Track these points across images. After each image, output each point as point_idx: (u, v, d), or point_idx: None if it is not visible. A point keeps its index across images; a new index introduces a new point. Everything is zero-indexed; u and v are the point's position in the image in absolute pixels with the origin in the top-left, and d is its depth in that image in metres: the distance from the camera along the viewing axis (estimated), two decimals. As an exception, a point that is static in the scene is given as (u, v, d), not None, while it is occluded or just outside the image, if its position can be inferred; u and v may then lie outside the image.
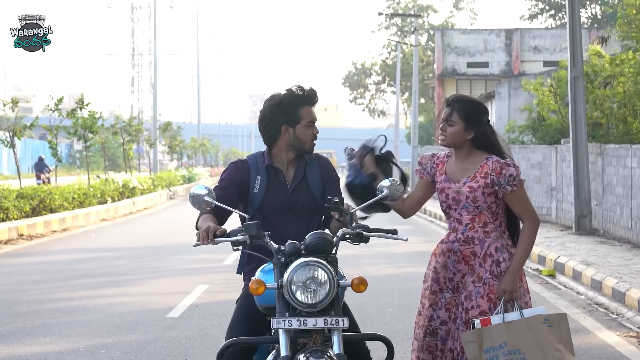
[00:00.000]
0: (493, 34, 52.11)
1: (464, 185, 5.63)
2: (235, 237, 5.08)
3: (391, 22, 79.08)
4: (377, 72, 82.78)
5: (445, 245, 5.72)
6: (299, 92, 5.49)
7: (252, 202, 5.55)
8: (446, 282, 5.69)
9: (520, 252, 5.56)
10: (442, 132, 5.67)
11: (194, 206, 5.27)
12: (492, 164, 5.59)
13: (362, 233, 5.14)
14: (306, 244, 4.95)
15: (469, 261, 5.64)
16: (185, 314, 11.02)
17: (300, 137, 5.50)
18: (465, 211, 5.64)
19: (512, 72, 50.78)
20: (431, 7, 79.92)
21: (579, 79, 21.54)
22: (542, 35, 51.78)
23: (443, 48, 52.32)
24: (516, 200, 5.60)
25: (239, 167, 5.61)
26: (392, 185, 5.43)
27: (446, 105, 5.71)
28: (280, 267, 4.95)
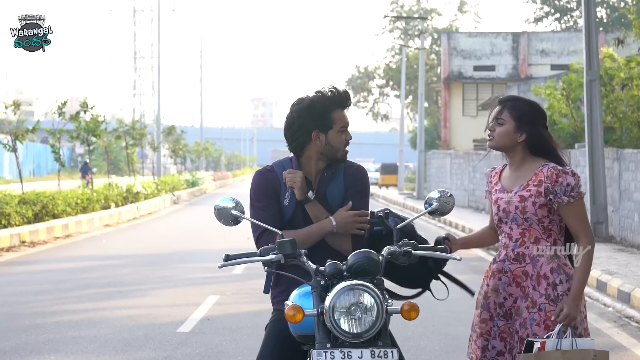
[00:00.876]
0: (500, 37, 51.59)
1: (514, 194, 5.05)
2: (267, 257, 4.53)
3: (395, 26, 78.62)
4: (380, 75, 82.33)
5: (496, 265, 5.13)
6: (331, 94, 4.95)
7: (282, 215, 5.00)
8: (496, 308, 5.10)
9: (580, 275, 4.94)
10: (490, 132, 5.10)
11: (219, 220, 4.74)
12: (548, 171, 4.98)
13: (411, 251, 4.59)
14: (349, 264, 4.39)
15: (521, 283, 5.03)
16: (197, 329, 10.48)
17: (333, 144, 4.96)
18: (515, 224, 5.04)
19: (519, 75, 50.27)
20: (435, 10, 79.48)
21: (595, 82, 21.04)
22: (549, 39, 51.26)
23: (449, 51, 51.79)
24: (572, 215, 4.98)
25: (268, 178, 5.04)
26: (442, 197, 4.92)
27: (498, 104, 5.14)
28: (320, 290, 4.39)
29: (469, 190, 34.71)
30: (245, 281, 14.39)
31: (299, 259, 4.52)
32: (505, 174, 5.17)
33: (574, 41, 50.50)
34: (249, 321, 10.93)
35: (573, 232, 5.01)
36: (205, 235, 23.22)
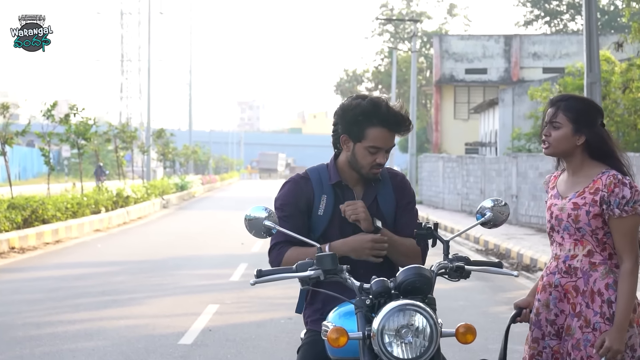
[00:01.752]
0: (492, 40, 51.33)
1: (569, 201, 4.59)
2: (305, 273, 4.08)
3: (384, 29, 78.37)
4: (369, 79, 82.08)
5: (547, 278, 4.66)
6: (378, 109, 4.42)
7: (314, 227, 4.57)
8: (548, 325, 4.63)
9: (624, 301, 4.43)
10: (545, 137, 4.60)
11: (250, 232, 4.29)
12: (607, 179, 4.51)
13: (464, 267, 4.17)
14: (398, 281, 3.96)
15: (571, 299, 4.56)
16: (199, 340, 10.04)
17: (358, 158, 4.52)
18: (567, 234, 4.57)
19: (511, 78, 50.01)
20: (425, 13, 79.25)
21: (595, 84, 20.66)
22: (541, 42, 51.03)
23: (441, 54, 51.49)
24: (622, 231, 4.48)
25: (301, 186, 4.62)
26: (495, 207, 4.46)
27: (550, 105, 4.65)
28: (365, 310, 3.95)
29: (462, 194, 34.37)
30: (244, 289, 13.97)
31: (340, 275, 4.08)
32: (562, 178, 4.72)
33: (565, 44, 50.28)
34: (253, 332, 10.52)
35: (617, 251, 4.52)
36: (198, 241, 22.79)
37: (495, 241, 21.13)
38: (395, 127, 4.44)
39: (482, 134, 45.28)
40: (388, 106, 4.43)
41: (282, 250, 4.50)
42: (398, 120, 4.44)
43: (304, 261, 4.13)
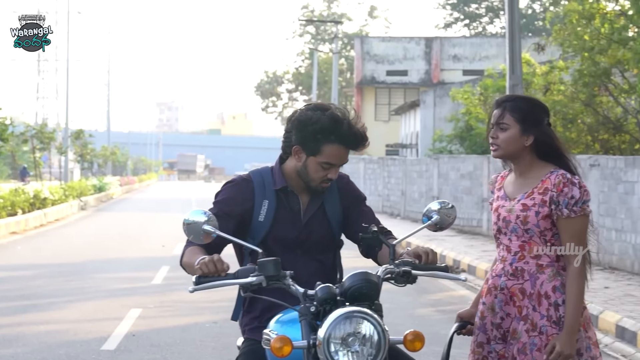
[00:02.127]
0: (413, 42, 51.60)
1: (517, 202, 4.45)
2: (246, 279, 3.88)
3: (305, 30, 78.39)
4: (289, 80, 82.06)
5: (492, 280, 4.51)
6: (338, 127, 4.19)
7: (253, 233, 4.36)
8: (493, 329, 4.49)
9: (573, 304, 4.32)
10: (493, 139, 4.48)
11: (189, 237, 4.06)
12: (555, 178, 4.39)
13: (411, 272, 4.02)
14: (345, 287, 3.79)
15: (517, 302, 4.43)
16: (122, 346, 9.76)
17: (309, 172, 4.32)
18: (514, 236, 4.44)
19: (432, 80, 50.32)
20: (345, 15, 79.45)
21: (517, 86, 20.77)
22: (461, 44, 51.45)
23: (362, 56, 51.59)
24: (570, 232, 4.37)
25: (242, 189, 4.41)
26: (442, 209, 4.30)
27: (496, 106, 4.51)
28: (310, 318, 3.78)
29: (384, 196, 34.42)
30: (167, 292, 13.72)
31: (283, 281, 3.90)
32: (510, 179, 4.58)
33: (485, 47, 50.77)
34: (177, 337, 10.28)
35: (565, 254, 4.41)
36: (118, 243, 22.39)
37: (418, 242, 21.14)
38: (353, 145, 4.24)
39: (403, 136, 45.47)
40: (350, 124, 4.21)
41: (184, 250, 4.30)
42: (357, 139, 4.23)
43: (245, 267, 3.94)
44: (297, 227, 4.38)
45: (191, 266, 4.13)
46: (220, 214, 4.25)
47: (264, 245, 4.29)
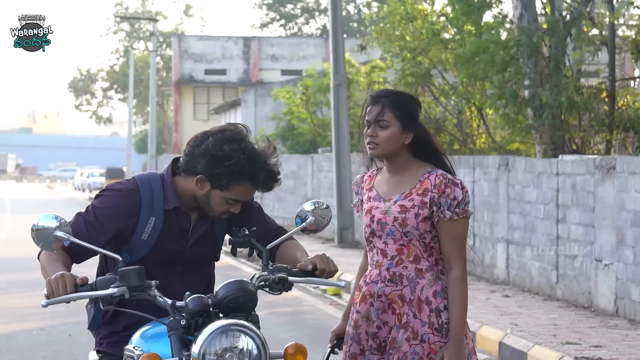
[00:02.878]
0: (231, 41, 51.42)
1: (394, 204, 4.19)
2: (106, 291, 3.55)
3: (120, 27, 77.08)
4: (104, 78, 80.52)
5: (367, 287, 4.22)
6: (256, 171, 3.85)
7: (131, 250, 3.96)
8: (369, 339, 4.22)
9: (457, 311, 4.13)
10: (371, 138, 4.16)
11: (38, 244, 3.70)
12: (436, 179, 4.16)
13: (287, 278, 3.77)
14: (219, 297, 3.52)
15: (397, 309, 4.18)
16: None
17: (213, 205, 3.92)
18: (391, 239, 4.17)
19: (251, 80, 50.28)
20: (161, 13, 78.54)
21: (341, 86, 21.00)
22: (279, 44, 51.61)
23: (180, 54, 51.06)
24: (451, 235, 4.15)
25: (127, 202, 3.94)
26: (316, 210, 4.06)
27: (372, 102, 4.21)
28: (181, 332, 3.49)
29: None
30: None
31: (148, 291, 3.60)
32: (381, 179, 4.30)
33: (303, 47, 51.10)
34: (3, 345, 9.79)
35: (445, 256, 4.18)
36: None
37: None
38: (265, 188, 3.93)
39: (223, 135, 45.25)
40: (268, 168, 3.89)
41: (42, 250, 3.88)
42: (271, 183, 3.93)
43: (104, 277, 3.60)
44: (182, 246, 4.02)
45: (45, 273, 3.76)
46: (95, 224, 3.88)
47: (140, 262, 3.89)
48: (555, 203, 12.38)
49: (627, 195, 10.70)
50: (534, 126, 16.17)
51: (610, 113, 15.62)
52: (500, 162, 14.10)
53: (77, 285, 3.55)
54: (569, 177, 12.08)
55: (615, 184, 10.94)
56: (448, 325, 4.16)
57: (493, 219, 14.25)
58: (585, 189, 11.65)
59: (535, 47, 15.96)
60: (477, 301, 11.79)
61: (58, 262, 3.78)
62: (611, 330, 9.95)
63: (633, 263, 10.55)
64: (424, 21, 21.61)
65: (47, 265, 3.78)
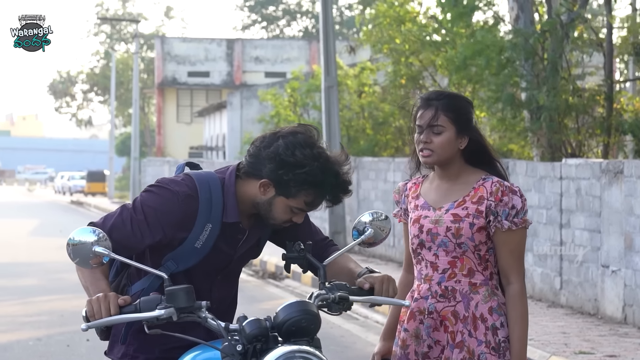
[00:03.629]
0: (214, 44, 51.11)
1: (446, 212, 3.91)
2: (152, 313, 3.22)
3: (100, 30, 76.62)
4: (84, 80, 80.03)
5: (416, 303, 3.94)
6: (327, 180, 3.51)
7: (181, 257, 3.58)
8: (418, 359, 3.93)
9: (520, 329, 3.86)
10: (425, 144, 3.89)
11: (74, 260, 3.35)
12: (492, 186, 3.88)
13: (348, 298, 3.46)
14: (279, 321, 3.21)
15: (450, 327, 3.88)
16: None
17: (275, 212, 3.57)
18: (443, 251, 3.89)
19: (234, 82, 49.97)
20: (141, 15, 78.08)
21: (332, 88, 20.74)
22: (263, 46, 51.33)
23: (163, 56, 50.69)
24: (510, 247, 3.87)
25: (183, 210, 3.54)
26: (374, 221, 3.71)
27: (424, 106, 3.93)
28: (238, 359, 3.17)
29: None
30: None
31: (197, 313, 3.27)
32: (430, 186, 4.04)
33: (286, 49, 50.84)
34: (0, 356, 9.48)
35: (502, 270, 3.92)
36: None
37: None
38: (334, 199, 3.58)
39: (207, 138, 44.93)
40: (341, 179, 3.55)
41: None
42: (341, 194, 3.57)
43: (148, 298, 3.27)
44: (230, 256, 3.70)
45: (85, 284, 3.43)
46: (143, 224, 3.49)
47: (186, 277, 3.57)
48: (558, 208, 12.19)
49: (635, 200, 10.51)
50: (532, 129, 15.97)
51: (608, 116, 15.46)
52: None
53: (119, 306, 3.26)
54: (573, 181, 11.89)
55: (622, 188, 10.74)
56: (505, 344, 3.90)
57: (493, 224, 14.05)
58: (591, 193, 11.45)
59: (532, 49, 15.77)
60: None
61: (100, 281, 3.43)
62: (622, 339, 9.75)
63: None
64: (414, 24, 21.44)
65: (87, 280, 3.44)
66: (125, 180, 62.86)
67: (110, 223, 3.50)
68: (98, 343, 9.67)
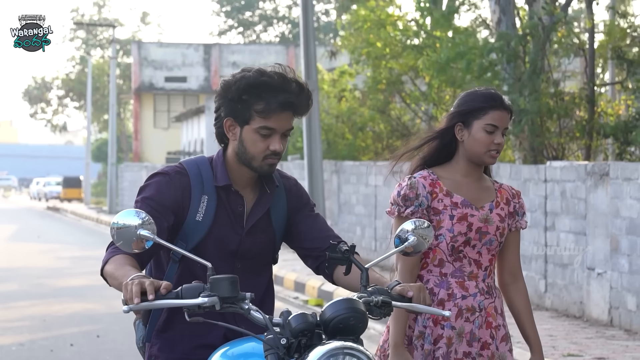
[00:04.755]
0: (191, 49, 50.98)
1: (490, 212, 4.02)
2: (195, 300, 3.11)
3: (76, 35, 76.33)
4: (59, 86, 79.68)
5: (465, 301, 3.97)
6: (265, 78, 3.44)
7: (187, 236, 3.55)
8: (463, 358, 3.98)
9: (533, 321, 4.09)
10: (499, 146, 3.97)
11: (117, 243, 3.22)
12: (510, 189, 4.11)
13: (391, 303, 3.33)
14: (326, 317, 3.11)
15: (492, 323, 3.99)
16: None
17: (247, 147, 3.52)
18: (486, 249, 4.00)
19: (211, 87, 49.84)
20: (117, 20, 77.83)
21: (314, 91, 20.64)
22: (240, 51, 51.26)
23: (140, 61, 50.49)
24: (518, 244, 4.13)
25: (174, 183, 3.55)
26: (418, 229, 3.52)
27: (500, 107, 3.96)
28: (282, 352, 3.08)
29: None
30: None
31: (240, 304, 3.16)
32: (456, 185, 4.04)
33: (264, 54, 50.77)
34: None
35: (512, 267, 4.12)
36: None
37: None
38: (288, 100, 3.46)
39: (185, 143, 44.79)
40: (281, 76, 3.47)
41: (110, 256, 3.43)
42: (292, 93, 3.46)
43: (190, 285, 3.16)
44: (239, 234, 3.60)
45: (116, 280, 3.31)
46: (153, 212, 3.42)
47: (198, 252, 3.44)
48: (543, 210, 12.18)
49: (621, 202, 10.50)
50: (514, 132, 15.97)
51: (589, 119, 15.48)
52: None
53: (158, 292, 3.13)
54: (557, 184, 11.88)
55: (608, 190, 10.74)
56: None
57: (476, 227, 14.03)
58: (576, 195, 11.44)
59: (514, 52, 15.77)
60: (466, 311, 11.56)
61: (128, 265, 3.35)
62: (610, 341, 9.74)
63: (629, 272, 10.36)
64: (394, 27, 21.43)
65: (116, 272, 3.33)
66: (102, 186, 62.62)
67: None
68: (82, 348, 9.56)
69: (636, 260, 10.22)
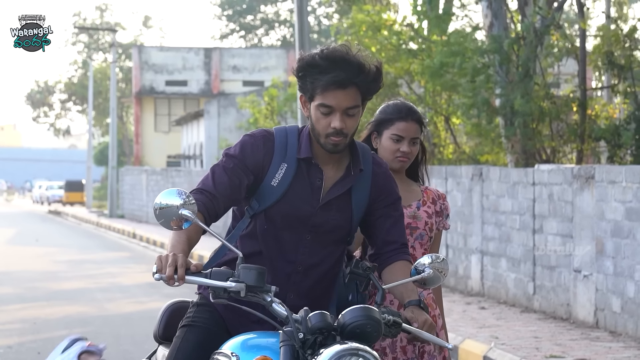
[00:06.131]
0: (192, 52, 51.07)
1: (417, 209, 4.35)
2: (222, 283, 3.27)
3: (78, 39, 76.49)
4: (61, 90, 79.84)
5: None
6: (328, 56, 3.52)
7: (261, 196, 3.68)
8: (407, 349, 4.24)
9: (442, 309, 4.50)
10: (405, 154, 4.25)
11: (159, 221, 3.37)
12: (436, 191, 4.44)
13: (401, 324, 3.44)
14: (344, 322, 3.24)
15: (431, 313, 4.25)
16: None
17: (314, 124, 3.62)
18: (418, 243, 4.31)
19: (212, 91, 49.95)
20: (119, 24, 77.97)
21: (309, 96, 20.79)
22: (240, 55, 51.34)
23: (141, 65, 50.60)
24: (439, 243, 4.53)
25: (259, 145, 3.68)
26: (434, 263, 3.61)
27: (410, 118, 4.24)
28: (298, 345, 3.21)
29: (168, 208, 33.68)
30: None
31: (263, 295, 3.29)
32: None
33: (264, 58, 50.86)
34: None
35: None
36: None
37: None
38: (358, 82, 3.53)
39: (185, 147, 44.88)
40: (344, 53, 3.53)
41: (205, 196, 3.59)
42: (353, 70, 3.51)
43: (220, 270, 3.30)
44: (313, 206, 3.67)
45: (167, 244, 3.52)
46: (235, 169, 3.61)
47: (267, 216, 3.65)
48: (531, 213, 12.24)
49: (607, 204, 10.56)
50: (506, 135, 16.02)
51: (581, 122, 15.52)
52: (473, 172, 13.94)
53: (188, 270, 3.29)
54: (545, 187, 11.94)
55: (594, 193, 10.80)
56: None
57: (467, 230, 14.08)
58: (563, 198, 11.50)
59: (507, 55, 15.83)
60: (454, 313, 11.61)
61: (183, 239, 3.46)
62: (594, 342, 9.79)
63: (614, 274, 10.41)
64: (390, 32, 21.48)
65: (172, 238, 3.48)
66: (104, 189, 62.69)
67: (211, 181, 3.61)
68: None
69: (621, 263, 10.28)
